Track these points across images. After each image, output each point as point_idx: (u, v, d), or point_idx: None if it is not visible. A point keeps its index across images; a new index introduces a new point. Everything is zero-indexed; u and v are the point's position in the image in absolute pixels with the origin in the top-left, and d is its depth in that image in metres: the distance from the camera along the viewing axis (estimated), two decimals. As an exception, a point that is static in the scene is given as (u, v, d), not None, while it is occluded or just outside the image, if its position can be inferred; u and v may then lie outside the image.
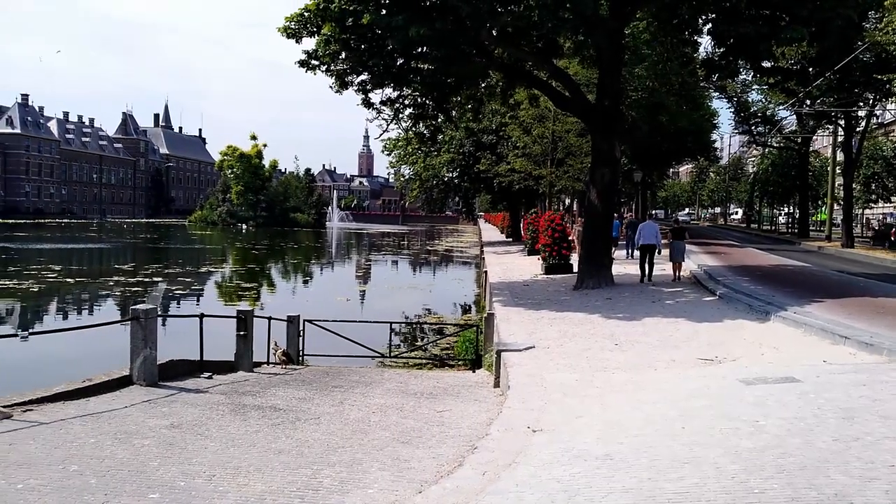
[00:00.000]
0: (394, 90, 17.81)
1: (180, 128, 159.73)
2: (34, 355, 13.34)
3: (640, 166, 39.86)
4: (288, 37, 15.63)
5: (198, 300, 25.30)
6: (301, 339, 13.14)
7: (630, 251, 23.63)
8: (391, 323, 14.83)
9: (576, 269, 18.06)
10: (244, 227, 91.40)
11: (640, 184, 43.52)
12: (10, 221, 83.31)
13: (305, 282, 36.20)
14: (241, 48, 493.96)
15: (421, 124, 20.36)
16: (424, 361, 14.27)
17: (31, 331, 11.92)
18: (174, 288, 27.47)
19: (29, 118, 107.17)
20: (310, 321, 13.36)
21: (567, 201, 49.96)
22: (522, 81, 18.82)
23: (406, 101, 18.60)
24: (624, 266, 19.47)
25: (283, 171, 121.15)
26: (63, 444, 5.99)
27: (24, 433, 6.34)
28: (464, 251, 56.54)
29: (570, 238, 21.35)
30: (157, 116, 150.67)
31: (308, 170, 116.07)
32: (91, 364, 12.07)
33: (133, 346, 8.24)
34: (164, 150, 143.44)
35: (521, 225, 40.81)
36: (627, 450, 5.32)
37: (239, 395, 8.24)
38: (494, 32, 15.81)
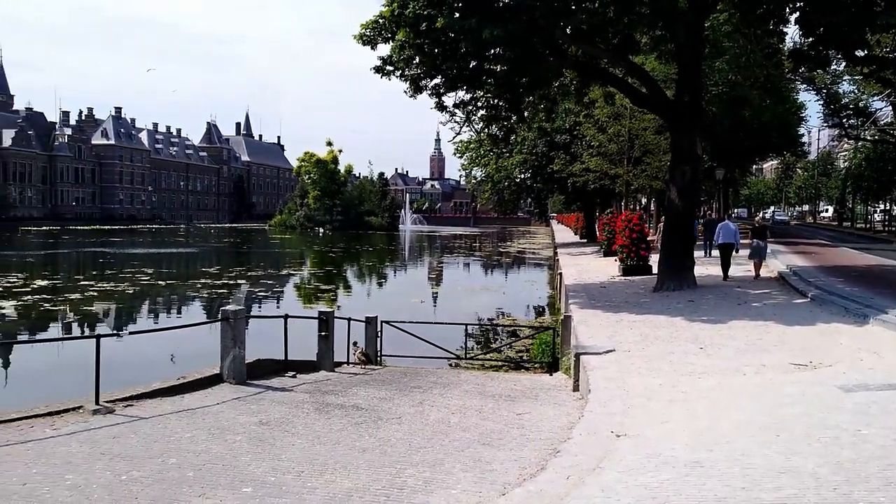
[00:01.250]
0: (467, 92, 17.86)
1: (260, 136, 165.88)
2: (131, 354, 14.13)
3: (722, 163, 38.40)
4: (363, 44, 15.94)
5: (278, 302, 26.14)
6: (379, 339, 13.36)
7: (708, 251, 22.96)
8: (466, 325, 14.87)
9: (655, 270, 17.58)
10: (321, 230, 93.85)
11: (722, 182, 41.93)
12: (106, 227, 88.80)
13: (380, 284, 36.80)
14: (316, 57, 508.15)
15: (493, 126, 20.33)
16: (500, 364, 14.23)
17: (130, 331, 12.61)
18: (256, 290, 28.50)
19: (122, 130, 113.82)
20: (387, 322, 13.57)
21: (643, 200, 48.75)
22: (597, 79, 18.50)
23: (479, 103, 18.62)
24: (705, 267, 18.82)
25: (357, 175, 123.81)
26: (161, 439, 6.32)
27: (126, 427, 6.73)
28: (536, 253, 56.08)
29: (648, 238, 20.80)
30: (238, 125, 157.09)
31: (381, 174, 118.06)
32: (182, 362, 12.71)
33: (223, 346, 8.60)
34: (245, 158, 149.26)
35: (597, 225, 40.07)
36: (719, 457, 5.13)
37: (322, 395, 8.47)
38: (568, 31, 15.61)
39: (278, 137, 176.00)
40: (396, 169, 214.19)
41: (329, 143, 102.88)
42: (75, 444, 6.14)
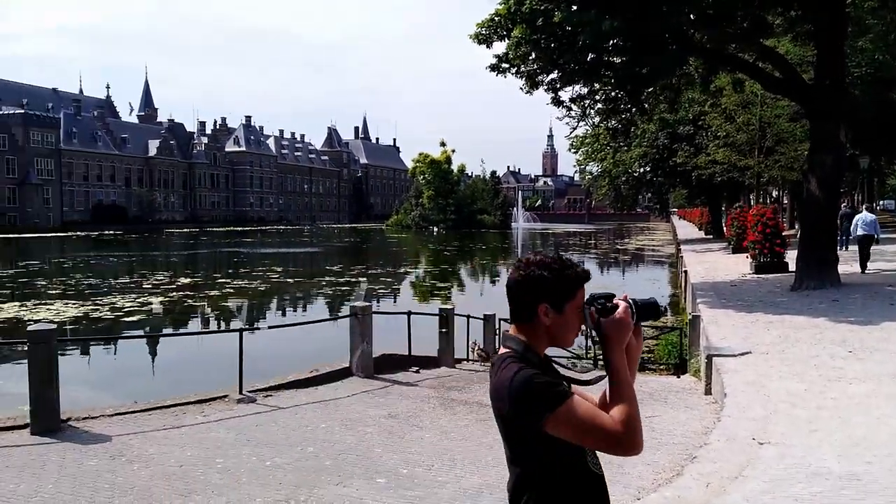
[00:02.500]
0: (584, 86, 17.50)
1: (377, 138, 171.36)
2: (265, 346, 15.05)
3: (866, 151, 35.13)
4: (479, 43, 16.02)
5: (395, 299, 26.85)
6: (497, 336, 13.39)
7: (844, 244, 21.15)
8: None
9: (792, 267, 16.39)
10: (435, 229, 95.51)
11: (867, 171, 38.39)
12: (239, 229, 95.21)
13: (493, 281, 36.87)
14: (430, 59, 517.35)
15: (612, 119, 19.77)
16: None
17: (268, 325, 13.49)
18: (376, 287, 29.44)
19: (252, 137, 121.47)
20: (505, 320, 13.56)
21: (774, 193, 45.63)
22: (725, 66, 17.50)
23: (596, 97, 18.19)
24: (848, 264, 17.32)
25: (470, 174, 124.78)
26: (299, 428, 6.67)
27: (267, 416, 7.16)
28: (656, 250, 54.02)
29: (783, 233, 19.43)
30: (356, 129, 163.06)
31: (493, 172, 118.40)
32: (310, 355, 13.34)
33: (352, 341, 8.95)
34: (363, 160, 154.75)
35: (724, 220, 37.97)
36: (878, 470, 4.70)
37: (446, 390, 8.60)
38: (693, 17, 14.89)
39: (394, 140, 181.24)
40: (508, 167, 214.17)
41: (442, 144, 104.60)
42: (223, 431, 6.61)
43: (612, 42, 15.17)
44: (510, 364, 1.80)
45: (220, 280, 30.58)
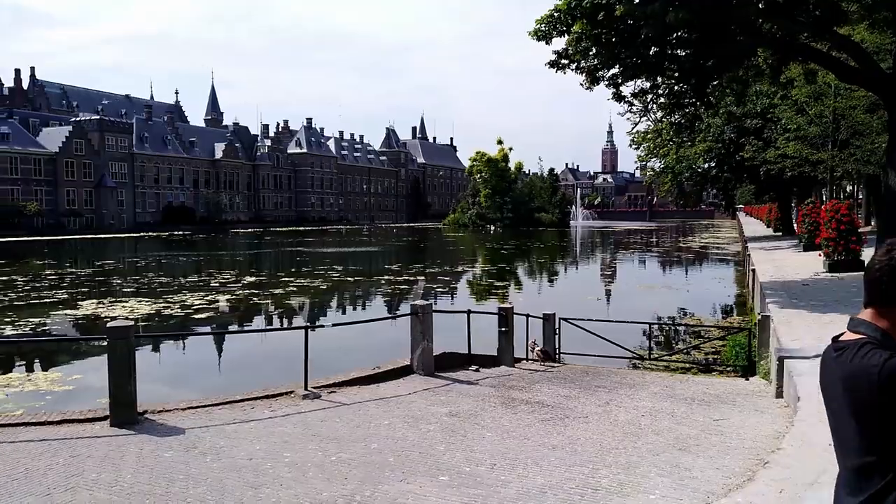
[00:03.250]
0: (646, 80, 17.14)
1: (434, 138, 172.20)
2: (328, 343, 15.36)
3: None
4: (538, 39, 15.89)
5: (452, 297, 26.91)
6: (557, 336, 13.25)
7: None
8: (649, 324, 14.27)
9: (869, 265, 15.59)
10: (492, 228, 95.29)
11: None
12: (301, 228, 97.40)
13: (551, 280, 36.51)
14: (485, 58, 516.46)
15: (676, 114, 19.29)
16: (688, 365, 13.46)
17: (332, 323, 13.75)
18: (434, 286, 29.59)
19: (313, 139, 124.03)
20: (564, 319, 13.41)
21: (849, 188, 43.58)
22: (796, 56, 16.81)
23: (660, 91, 17.79)
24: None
25: (527, 172, 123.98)
26: (363, 424, 6.77)
27: (331, 412, 7.30)
28: (722, 248, 52.36)
29: (858, 230, 18.52)
30: (414, 129, 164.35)
31: (551, 170, 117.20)
32: (369, 352, 13.52)
33: (413, 339, 9.03)
34: (420, 160, 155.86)
35: (795, 217, 36.52)
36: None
37: (507, 389, 8.57)
38: (761, 6, 14.37)
39: (451, 139, 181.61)
40: (567, 164, 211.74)
41: (499, 142, 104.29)
42: (290, 425, 6.78)
43: (676, 34, 14.82)
44: (872, 351, 1.77)
45: (283, 279, 31.34)
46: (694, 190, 44.47)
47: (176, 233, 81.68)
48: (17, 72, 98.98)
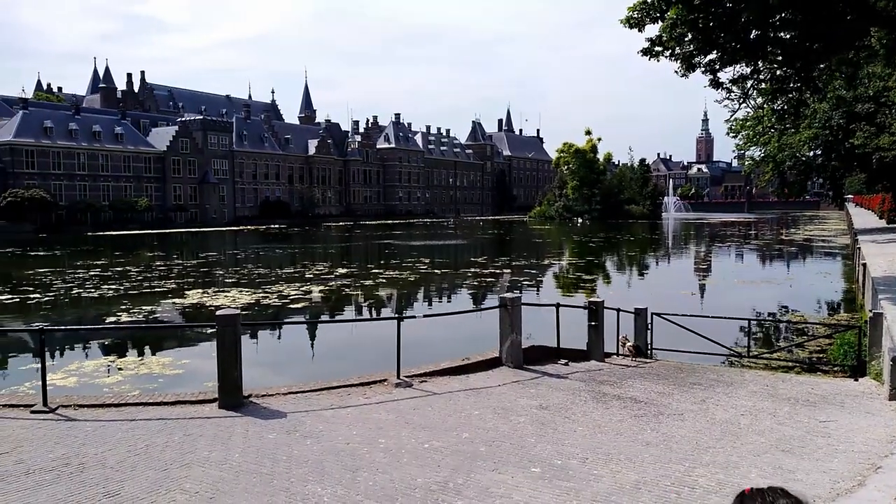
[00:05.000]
0: (746, 66, 16.37)
1: (520, 130, 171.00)
2: (416, 334, 15.68)
3: None
4: (630, 27, 15.50)
5: (538, 290, 26.71)
6: (649, 332, 12.93)
7: None
8: (748, 320, 13.66)
9: None
10: (579, 220, 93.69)
11: None
12: (389, 222, 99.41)
13: (642, 274, 35.53)
14: (573, 48, 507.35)
15: (778, 99, 18.31)
16: (790, 364, 12.80)
17: (423, 314, 13.98)
18: (520, 279, 29.49)
19: (401, 134, 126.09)
20: (657, 314, 13.06)
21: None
22: (915, 34, 15.54)
23: (760, 76, 16.94)
24: None
25: (616, 163, 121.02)
26: (454, 413, 6.90)
27: (423, 401, 7.47)
28: (828, 240, 49.23)
29: None
30: (500, 121, 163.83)
31: (642, 160, 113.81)
32: (455, 343, 13.69)
33: (502, 331, 9.08)
34: (506, 153, 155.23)
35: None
36: None
37: (597, 384, 8.48)
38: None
39: (537, 130, 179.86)
40: (658, 154, 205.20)
41: (588, 132, 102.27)
42: (384, 412, 7.00)
43: (779, 16, 14.07)
44: None
45: (373, 270, 32.14)
46: (797, 179, 41.97)
47: (272, 226, 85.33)
48: (129, 76, 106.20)
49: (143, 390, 10.41)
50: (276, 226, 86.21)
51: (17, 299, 21.94)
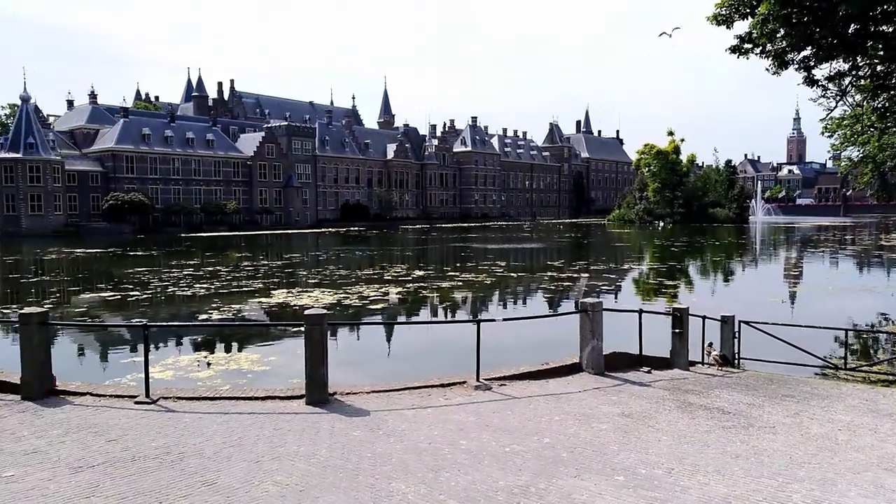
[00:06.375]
0: (845, 62, 15.50)
1: (599, 131, 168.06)
2: (492, 337, 15.70)
3: None
4: (718, 24, 15.01)
5: (616, 296, 26.15)
6: (736, 340, 12.45)
7: None
8: (845, 330, 12.93)
9: None
10: (660, 224, 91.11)
11: None
12: (464, 225, 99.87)
13: (727, 280, 34.17)
14: (655, 48, 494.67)
15: (880, 97, 17.24)
16: (893, 378, 12.03)
17: (502, 317, 13.92)
18: (599, 284, 28.97)
19: (477, 137, 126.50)
20: (745, 322, 12.56)
21: None
22: None
23: (860, 73, 16.00)
24: None
25: (700, 165, 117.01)
26: (534, 418, 6.89)
27: (502, 404, 7.50)
28: (935, 247, 45.79)
29: None
30: (578, 123, 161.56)
31: (728, 161, 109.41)
32: (536, 348, 13.62)
33: (582, 337, 8.98)
34: (584, 155, 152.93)
35: None
36: None
37: (682, 393, 8.25)
38: None
39: (617, 132, 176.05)
40: (746, 155, 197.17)
41: (670, 133, 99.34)
42: (464, 414, 7.07)
43: (882, 8, 13.25)
44: None
45: (449, 273, 32.39)
46: (901, 181, 39.25)
47: (351, 229, 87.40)
48: (220, 85, 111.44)
49: (234, 385, 10.92)
50: (355, 228, 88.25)
51: (119, 296, 23.44)
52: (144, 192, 76.77)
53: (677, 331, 10.80)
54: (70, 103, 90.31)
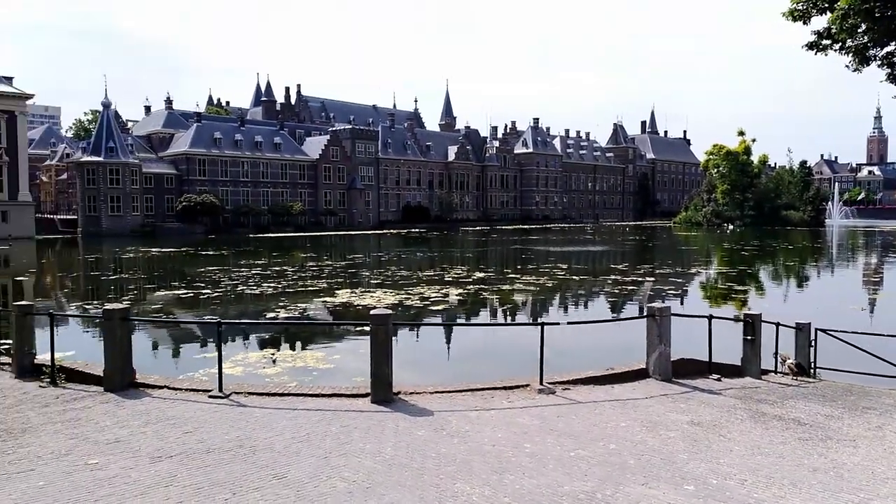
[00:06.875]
0: (933, 57, 14.63)
1: (665, 132, 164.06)
2: (554, 340, 15.54)
3: None
4: (794, 19, 14.46)
5: (682, 301, 25.45)
6: (812, 349, 11.92)
7: None
8: (934, 339, 12.17)
9: None
10: (730, 226, 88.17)
11: None
12: (525, 227, 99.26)
13: (801, 286, 32.75)
14: (725, 45, 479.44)
15: (974, 93, 16.17)
16: None
17: (567, 321, 13.78)
18: (665, 288, 28.27)
19: (538, 139, 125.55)
20: (822, 330, 12.00)
21: None
22: None
23: (951, 68, 15.06)
24: None
25: (773, 165, 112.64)
26: (599, 424, 6.79)
27: (566, 409, 7.42)
28: None
29: None
30: (643, 123, 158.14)
31: (803, 162, 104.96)
32: (597, 353, 13.40)
33: (649, 342, 8.79)
34: (650, 155, 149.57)
35: None
36: None
37: (754, 402, 7.97)
38: None
39: (684, 132, 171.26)
40: (822, 155, 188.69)
41: (740, 133, 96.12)
42: (527, 417, 7.04)
43: (976, -1, 12.47)
44: None
45: (510, 275, 32.26)
46: None
47: (412, 230, 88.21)
48: (287, 89, 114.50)
49: (301, 382, 11.20)
50: (416, 230, 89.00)
51: (191, 294, 24.39)
52: (215, 194, 79.60)
53: (749, 338, 10.44)
54: (147, 109, 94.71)
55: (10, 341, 10.37)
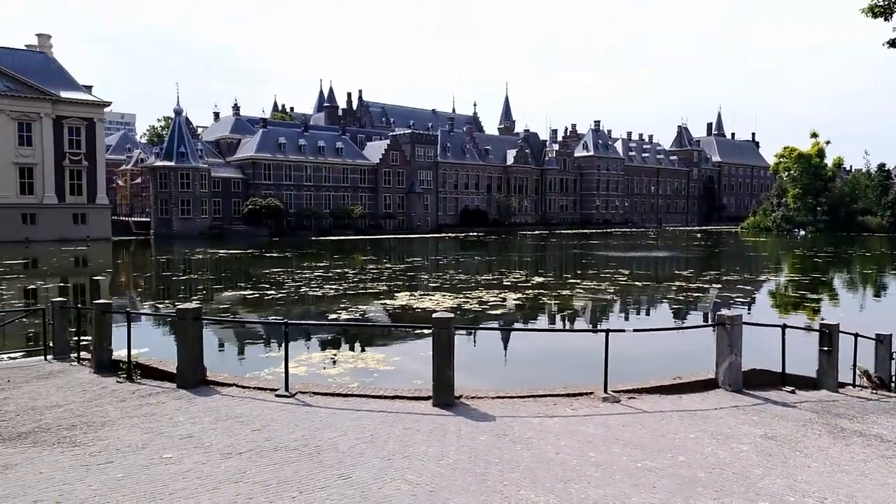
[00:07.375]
0: None
1: (732, 134, 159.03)
2: (616, 347, 15.22)
3: None
4: (874, 16, 13.84)
5: (749, 308, 24.54)
6: (894, 361, 11.29)
7: None
8: None
9: None
10: (801, 232, 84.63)
11: None
12: (585, 231, 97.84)
13: (879, 295, 31.08)
14: (797, 43, 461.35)
15: None
16: None
17: (633, 328, 13.48)
18: (732, 295, 27.35)
19: (600, 141, 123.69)
20: (905, 342, 11.34)
21: None
22: None
23: None
24: None
25: (848, 169, 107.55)
26: (667, 434, 6.60)
27: (632, 418, 7.25)
28: None
29: None
30: (709, 126, 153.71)
31: (882, 165, 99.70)
32: (662, 361, 13.05)
33: (719, 351, 8.51)
34: (716, 158, 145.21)
35: None
36: None
37: (833, 417, 7.60)
38: None
39: (752, 134, 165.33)
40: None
41: (813, 135, 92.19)
42: (591, 426, 6.91)
43: None
44: None
45: (569, 280, 31.86)
46: None
47: (470, 234, 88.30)
48: (349, 95, 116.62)
49: (362, 383, 11.34)
50: (474, 233, 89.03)
51: (257, 295, 25.08)
52: (279, 198, 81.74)
53: (826, 349, 9.96)
54: (216, 115, 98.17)
55: (90, 337, 10.88)
